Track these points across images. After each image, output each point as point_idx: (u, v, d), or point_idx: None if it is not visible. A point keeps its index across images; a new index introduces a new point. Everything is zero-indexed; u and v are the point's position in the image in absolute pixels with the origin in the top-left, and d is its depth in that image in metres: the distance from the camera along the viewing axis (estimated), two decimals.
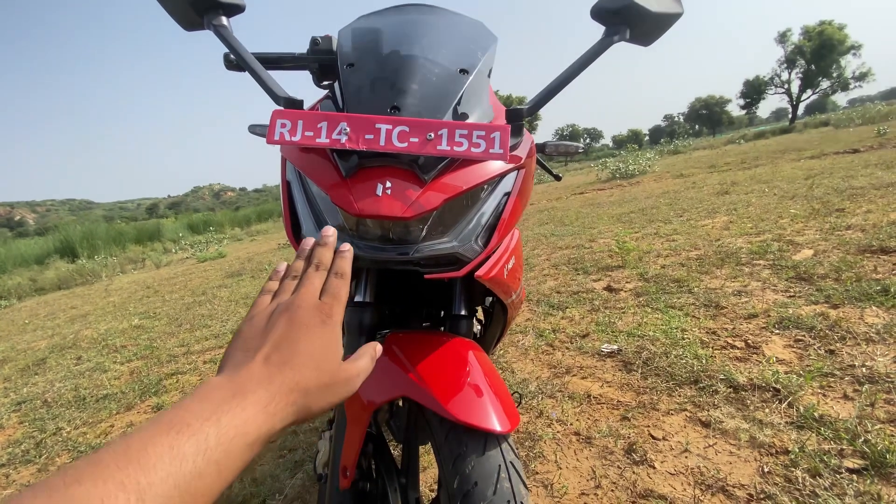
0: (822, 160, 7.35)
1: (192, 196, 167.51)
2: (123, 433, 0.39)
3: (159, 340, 3.59)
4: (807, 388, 1.35)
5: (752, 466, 1.12)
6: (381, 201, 0.55)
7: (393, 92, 0.62)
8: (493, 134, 0.57)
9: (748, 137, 20.88)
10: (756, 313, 1.97)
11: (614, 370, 1.73)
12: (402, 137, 0.56)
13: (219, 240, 11.69)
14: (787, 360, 1.56)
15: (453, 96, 0.65)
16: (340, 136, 0.56)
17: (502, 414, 0.57)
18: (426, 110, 0.61)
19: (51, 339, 4.61)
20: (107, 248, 10.49)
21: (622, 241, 3.49)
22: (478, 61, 0.71)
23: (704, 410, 1.36)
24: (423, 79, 0.64)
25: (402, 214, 0.55)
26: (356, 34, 0.75)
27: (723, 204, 5.03)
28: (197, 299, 5.34)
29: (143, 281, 8.55)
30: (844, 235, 2.87)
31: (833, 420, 1.20)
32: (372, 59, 0.68)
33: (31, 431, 2.22)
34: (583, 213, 6.47)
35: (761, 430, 1.22)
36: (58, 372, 3.22)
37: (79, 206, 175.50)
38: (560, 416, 1.47)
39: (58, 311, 6.66)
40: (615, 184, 10.58)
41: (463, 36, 0.76)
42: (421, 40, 0.71)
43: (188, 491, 0.25)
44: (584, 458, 1.26)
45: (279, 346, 0.34)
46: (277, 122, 0.57)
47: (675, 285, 2.57)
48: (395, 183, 0.57)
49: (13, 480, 1.73)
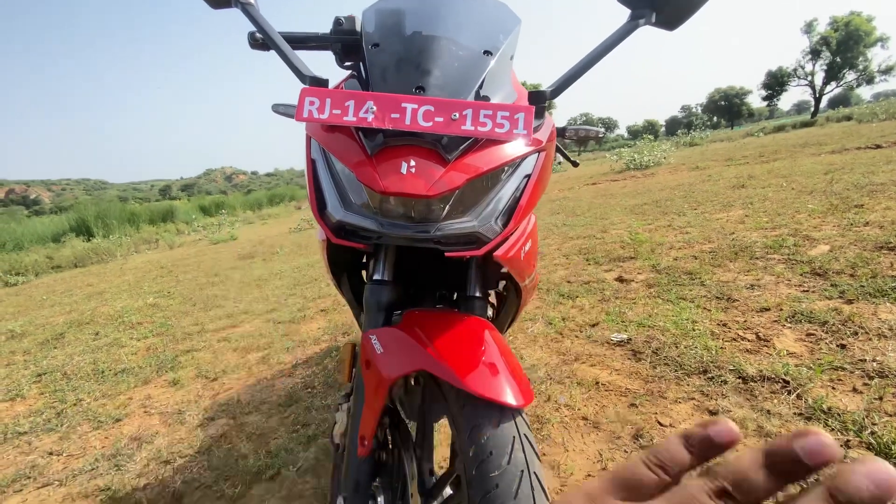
0: (843, 155, 7.19)
1: (205, 179, 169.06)
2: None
3: (174, 319, 3.66)
4: (816, 381, 1.36)
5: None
6: (405, 179, 0.57)
7: (418, 72, 0.63)
8: (517, 115, 0.57)
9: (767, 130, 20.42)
10: (768, 307, 1.96)
11: (623, 358, 1.75)
12: (428, 117, 0.57)
13: (231, 223, 11.82)
14: (798, 354, 1.56)
15: (476, 78, 0.65)
16: (367, 115, 0.57)
17: (517, 389, 0.59)
18: (450, 91, 0.62)
19: (68, 315, 4.73)
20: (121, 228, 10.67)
21: (635, 233, 3.47)
22: (501, 43, 0.71)
23: (712, 399, 1.37)
24: (447, 60, 0.65)
25: (426, 192, 0.56)
26: (380, 15, 0.76)
27: (738, 198, 4.95)
28: (210, 280, 5.43)
29: (156, 261, 8.69)
30: (862, 232, 2.82)
31: (841, 412, 1.21)
32: (396, 39, 0.69)
33: (52, 402, 2.30)
34: (595, 204, 6.42)
35: (768, 419, 1.23)
36: (76, 346, 3.31)
37: (93, 185, 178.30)
38: (568, 400, 1.49)
39: (74, 288, 6.81)
40: (629, 175, 10.45)
41: (487, 17, 0.76)
42: (445, 21, 0.71)
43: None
44: (591, 442, 1.28)
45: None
46: (306, 99, 0.58)
47: (687, 277, 2.55)
48: (420, 162, 0.58)
49: (35, 447, 1.80)
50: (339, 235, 0.66)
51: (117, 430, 1.84)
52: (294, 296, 3.74)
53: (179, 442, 1.66)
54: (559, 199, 8.03)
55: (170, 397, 2.10)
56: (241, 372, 2.25)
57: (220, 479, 1.38)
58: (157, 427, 1.80)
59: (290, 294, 3.83)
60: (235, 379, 2.18)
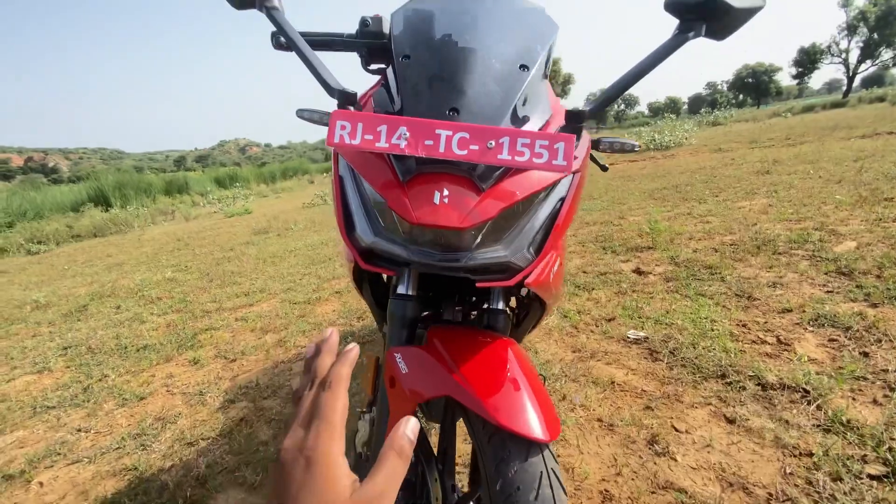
0: (875, 140, 6.90)
1: (219, 150, 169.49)
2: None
3: (192, 295, 3.74)
4: (837, 391, 1.34)
5: (775, 466, 1.13)
6: (438, 210, 0.55)
7: (452, 92, 0.60)
8: (556, 144, 0.55)
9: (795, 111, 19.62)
10: (790, 308, 1.93)
11: (639, 358, 1.74)
12: (462, 144, 0.55)
13: (245, 196, 11.90)
14: (819, 360, 1.54)
15: (513, 96, 0.62)
16: (400, 141, 0.55)
17: (544, 422, 0.58)
18: (485, 113, 0.60)
19: (90, 287, 4.85)
20: (138, 199, 10.82)
21: (653, 221, 3.40)
22: (538, 55, 0.68)
23: (730, 406, 1.36)
24: (481, 77, 0.62)
25: (460, 225, 0.55)
26: (410, 20, 0.72)
27: (763, 185, 4.81)
28: (226, 255, 5.50)
29: (173, 233, 8.83)
30: (891, 228, 2.73)
31: (860, 425, 1.19)
32: (428, 51, 0.66)
33: (78, 376, 2.38)
34: (613, 187, 6.29)
35: (787, 430, 1.22)
36: (99, 319, 3.41)
37: (110, 155, 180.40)
38: (583, 400, 1.50)
39: (94, 259, 6.97)
40: (648, 156, 10.19)
41: (523, 25, 0.72)
42: (480, 30, 0.68)
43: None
44: (605, 445, 1.29)
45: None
46: (337, 123, 0.56)
47: (707, 272, 2.51)
48: (453, 191, 0.56)
49: (63, 423, 1.88)
50: (368, 260, 0.65)
51: (142, 409, 1.91)
52: (309, 275, 3.78)
53: (202, 423, 1.72)
54: None
55: (191, 377, 2.16)
56: (259, 353, 2.30)
57: (242, 464, 1.43)
58: (179, 407, 1.86)
59: (304, 273, 3.87)
60: (254, 361, 2.23)
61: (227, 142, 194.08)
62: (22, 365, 2.68)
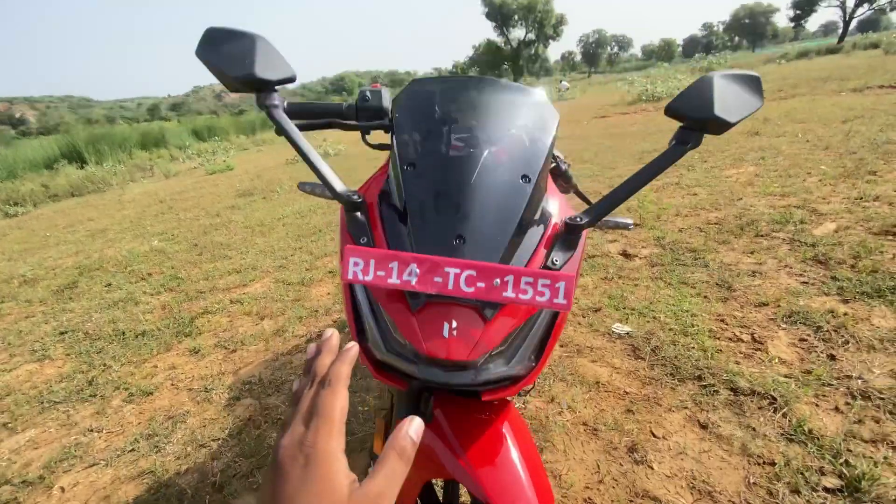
0: (865, 96, 6.85)
1: (193, 97, 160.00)
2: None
3: (183, 271, 3.73)
4: (803, 398, 1.46)
5: (740, 475, 1.26)
6: (447, 344, 0.58)
7: (457, 216, 0.61)
8: (558, 283, 0.57)
9: (790, 57, 19.09)
10: (767, 301, 2.03)
11: (623, 355, 1.85)
12: (470, 282, 0.57)
13: (225, 149, 11.46)
14: (789, 361, 1.66)
15: (516, 213, 0.64)
16: (410, 278, 0.57)
17: (538, 498, 0.66)
18: (489, 238, 0.61)
19: (76, 257, 4.79)
20: (113, 154, 10.36)
21: (641, 197, 3.43)
22: (540, 161, 0.68)
23: (704, 412, 1.48)
24: (485, 196, 0.63)
25: (467, 358, 0.58)
26: (414, 117, 0.71)
27: (751, 149, 4.81)
28: (212, 222, 5.42)
29: (154, 193, 8.58)
30: (870, 209, 2.81)
31: (821, 435, 1.32)
32: (433, 162, 0.66)
33: (80, 366, 2.44)
34: (603, 147, 6.23)
35: (754, 438, 1.35)
36: (91, 299, 3.42)
37: (78, 103, 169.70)
38: (570, 402, 1.61)
39: (76, 223, 6.80)
40: (640, 108, 9.99)
41: (527, 123, 0.71)
42: (482, 134, 0.67)
43: None
44: (590, 451, 1.41)
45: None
46: (350, 260, 0.57)
47: (691, 255, 2.59)
48: (461, 322, 0.59)
49: (75, 422, 1.95)
50: (380, 371, 0.69)
51: (150, 405, 1.98)
52: (300, 250, 3.78)
53: (210, 422, 1.81)
54: (566, 138, 7.76)
55: (193, 369, 2.23)
56: (258, 343, 2.37)
57: (255, 469, 1.53)
58: (187, 405, 1.94)
59: (295, 248, 3.86)
60: (254, 352, 2.30)
61: (201, 87, 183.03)
62: (21, 352, 2.72)
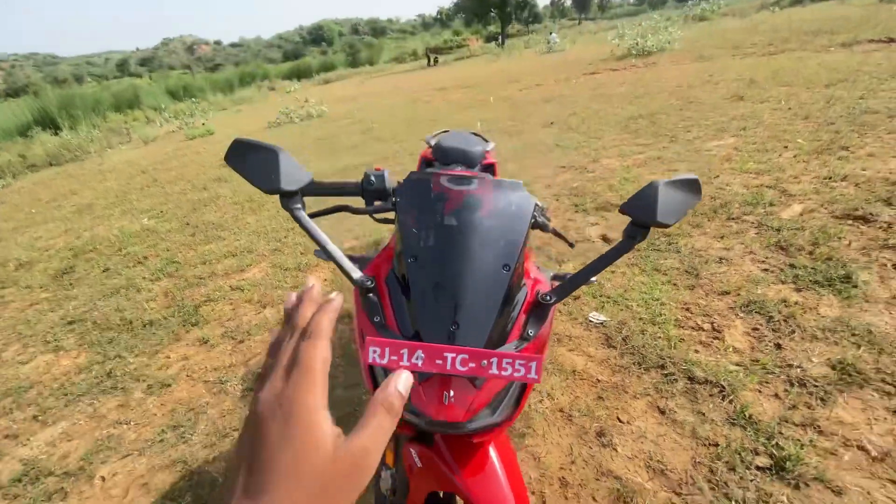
0: (852, 55, 6.84)
1: (164, 51, 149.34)
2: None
3: (179, 253, 3.82)
4: (748, 386, 1.69)
5: (689, 455, 1.51)
6: (446, 409, 0.75)
7: (452, 305, 0.76)
8: (531, 363, 0.73)
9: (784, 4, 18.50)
10: (729, 290, 2.23)
11: (598, 343, 2.06)
12: (463, 363, 0.72)
13: (203, 110, 11.06)
14: (742, 350, 1.88)
15: (498, 298, 0.78)
16: (417, 361, 0.72)
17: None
18: (478, 321, 0.76)
19: (66, 237, 4.81)
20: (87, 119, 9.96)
21: (622, 177, 3.55)
22: (518, 250, 0.82)
23: (664, 399, 1.71)
24: (474, 286, 0.77)
25: (463, 419, 0.75)
26: (413, 211, 0.84)
27: (734, 117, 4.89)
28: (200, 196, 5.42)
29: (135, 161, 8.39)
30: (836, 190, 2.98)
31: (758, 420, 1.56)
32: (432, 257, 0.79)
33: (95, 357, 2.59)
34: (590, 112, 6.22)
35: (703, 423, 1.59)
36: (92, 285, 3.52)
37: (44, 61, 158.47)
38: (549, 391, 1.84)
39: (59, 197, 6.71)
40: (629, 63, 9.80)
41: (506, 215, 0.84)
42: (470, 232, 0.80)
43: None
44: (564, 436, 1.65)
45: (251, 470, 0.29)
46: (370, 349, 0.72)
47: (665, 240, 2.77)
48: (457, 392, 0.75)
49: (102, 414, 2.14)
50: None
51: (170, 397, 2.17)
52: (292, 231, 3.87)
53: (229, 413, 2.01)
54: (555, 99, 7.68)
55: (205, 360, 2.40)
56: (263, 334, 2.54)
57: None
58: (205, 397, 2.13)
59: (288, 228, 3.95)
60: (260, 342, 2.47)
61: (171, 40, 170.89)
62: (34, 342, 2.86)
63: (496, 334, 0.80)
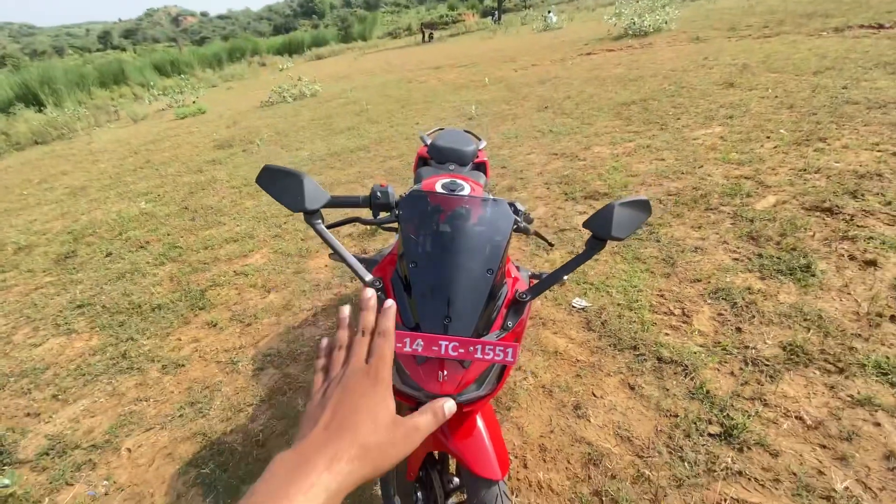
0: (843, 40, 6.92)
1: (147, 22, 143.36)
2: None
3: (181, 239, 3.93)
4: (709, 365, 1.90)
5: (652, 424, 1.72)
6: (441, 384, 0.93)
7: (445, 302, 0.92)
8: (508, 349, 0.90)
9: None
10: (701, 277, 2.43)
11: (579, 327, 2.25)
12: (455, 349, 0.90)
13: (193, 87, 10.89)
14: (706, 333, 2.09)
15: (483, 297, 0.95)
16: (417, 347, 0.89)
17: (498, 465, 1.05)
18: (467, 315, 0.93)
19: (64, 220, 4.89)
20: (72, 95, 9.78)
21: (612, 166, 3.69)
22: (499, 256, 0.98)
23: (634, 376, 1.92)
24: (463, 288, 0.94)
25: (454, 393, 0.93)
26: (413, 222, 0.99)
27: (723, 104, 5.01)
28: (196, 179, 5.48)
29: (126, 141, 8.34)
30: (809, 182, 3.16)
31: (714, 395, 1.78)
32: (431, 263, 0.95)
33: (108, 339, 2.75)
34: (585, 95, 6.30)
35: (666, 397, 1.80)
36: (96, 270, 3.64)
37: (20, 30, 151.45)
38: (534, 369, 2.03)
39: (49, 178, 6.72)
40: (625, 44, 9.79)
41: (491, 227, 1.00)
42: (461, 240, 0.96)
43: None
44: (545, 409, 1.85)
45: (336, 413, 0.38)
46: None
47: (647, 230, 2.95)
48: (449, 371, 0.93)
49: (121, 392, 2.31)
50: (397, 394, 1.03)
51: (185, 376, 2.35)
52: (292, 216, 3.99)
53: (242, 391, 2.19)
54: (549, 80, 7.71)
55: (215, 342, 2.57)
56: (270, 317, 2.70)
57: (290, 427, 1.94)
58: (218, 376, 2.31)
59: (287, 213, 4.07)
60: (267, 325, 2.64)
61: (155, 10, 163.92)
62: (44, 326, 3.00)
63: (481, 326, 0.97)
